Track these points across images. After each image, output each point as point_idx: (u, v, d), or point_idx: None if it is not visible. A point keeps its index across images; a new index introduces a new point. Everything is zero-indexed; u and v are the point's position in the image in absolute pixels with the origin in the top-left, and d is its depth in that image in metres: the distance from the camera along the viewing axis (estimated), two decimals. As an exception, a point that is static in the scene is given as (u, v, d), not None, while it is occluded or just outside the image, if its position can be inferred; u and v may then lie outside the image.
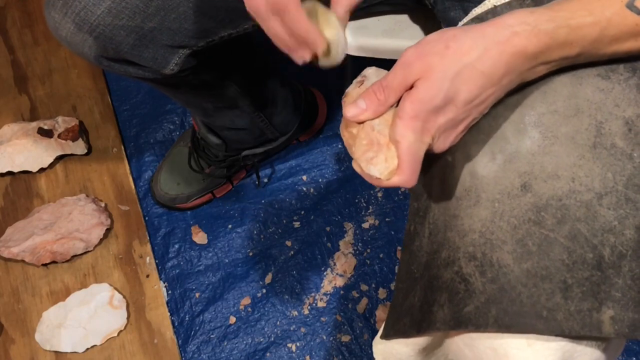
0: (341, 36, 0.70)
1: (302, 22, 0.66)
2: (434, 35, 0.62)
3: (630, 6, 0.60)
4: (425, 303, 0.67)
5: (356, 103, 0.64)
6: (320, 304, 1.39)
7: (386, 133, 0.63)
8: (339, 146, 1.56)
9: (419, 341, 0.72)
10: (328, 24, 0.69)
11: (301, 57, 0.70)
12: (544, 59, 0.63)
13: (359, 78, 0.68)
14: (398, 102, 0.63)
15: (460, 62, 0.60)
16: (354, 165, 0.65)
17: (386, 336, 0.72)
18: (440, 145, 0.65)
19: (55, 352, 1.36)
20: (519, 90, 0.67)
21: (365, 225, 1.47)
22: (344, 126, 0.66)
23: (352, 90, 0.67)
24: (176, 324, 1.40)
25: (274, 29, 0.68)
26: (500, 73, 0.61)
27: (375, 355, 0.78)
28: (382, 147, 0.63)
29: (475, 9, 0.73)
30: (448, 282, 0.65)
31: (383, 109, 0.64)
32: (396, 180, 0.62)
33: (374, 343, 0.79)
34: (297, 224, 1.48)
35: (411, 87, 0.62)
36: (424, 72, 0.61)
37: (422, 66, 0.61)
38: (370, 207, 1.49)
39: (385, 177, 0.62)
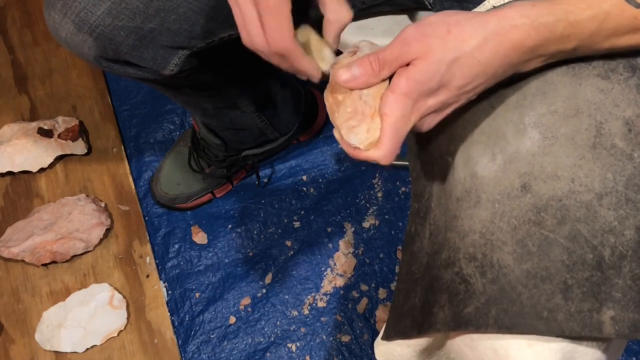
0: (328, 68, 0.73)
1: (302, 64, 0.69)
2: (436, 17, 0.62)
3: None
4: (426, 304, 0.67)
5: (350, 68, 0.63)
6: (320, 304, 1.39)
7: (372, 104, 0.62)
8: (339, 146, 1.55)
9: (420, 342, 0.72)
10: (322, 58, 0.72)
11: (301, 77, 0.73)
12: (541, 52, 0.63)
13: (352, 48, 0.68)
14: (389, 77, 0.63)
15: (460, 49, 0.60)
16: (335, 133, 0.65)
17: (387, 337, 0.72)
18: (424, 127, 0.65)
19: (55, 352, 1.36)
20: (518, 90, 0.67)
21: (366, 225, 1.47)
22: (329, 91, 0.66)
23: (344, 58, 0.67)
24: (176, 324, 1.40)
25: (277, 63, 0.71)
26: (496, 64, 0.61)
27: (377, 356, 0.78)
28: (365, 118, 0.62)
29: (475, 9, 0.73)
30: (448, 283, 0.66)
31: (374, 81, 0.63)
32: (374, 154, 0.62)
33: (375, 344, 0.79)
34: (297, 224, 1.48)
35: (407, 65, 0.62)
36: (422, 52, 0.61)
37: (421, 47, 0.61)
38: (370, 207, 1.49)
39: (365, 148, 0.62)
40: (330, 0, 0.69)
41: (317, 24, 0.73)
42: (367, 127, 0.62)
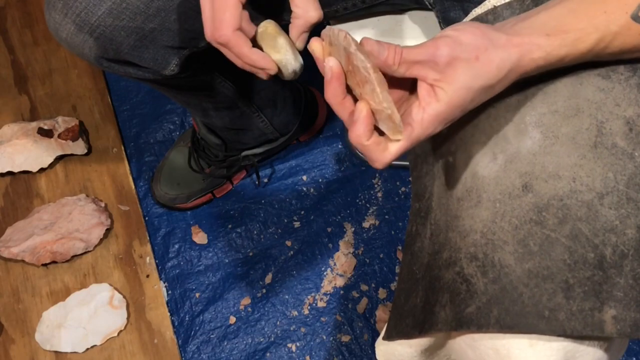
0: (289, 57, 0.74)
1: (246, 55, 0.72)
2: (468, 37, 0.61)
3: (635, 17, 0.60)
4: (427, 304, 0.67)
5: (379, 43, 0.60)
6: (320, 304, 1.39)
7: (385, 106, 0.60)
8: (339, 146, 1.56)
9: (422, 342, 0.72)
10: (274, 47, 0.73)
11: (261, 76, 0.75)
12: (545, 69, 0.64)
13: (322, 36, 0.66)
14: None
15: (484, 79, 0.60)
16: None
17: (388, 337, 0.72)
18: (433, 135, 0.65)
19: (55, 352, 1.36)
20: (519, 90, 0.68)
21: (365, 225, 1.47)
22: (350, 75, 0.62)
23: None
24: (176, 324, 1.40)
25: (230, 58, 0.74)
26: (506, 85, 0.63)
27: (377, 357, 0.78)
28: (385, 120, 0.61)
29: (476, 9, 0.73)
30: (450, 283, 0.66)
31: (387, 67, 0.60)
32: (378, 154, 0.62)
33: (376, 344, 0.79)
34: (297, 224, 1.48)
35: (431, 86, 0.61)
36: (449, 77, 0.60)
37: (449, 67, 0.60)
38: (370, 207, 1.49)
39: (393, 135, 0.61)
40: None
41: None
42: (387, 126, 0.61)
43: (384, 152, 0.61)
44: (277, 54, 0.73)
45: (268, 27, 0.74)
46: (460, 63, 0.60)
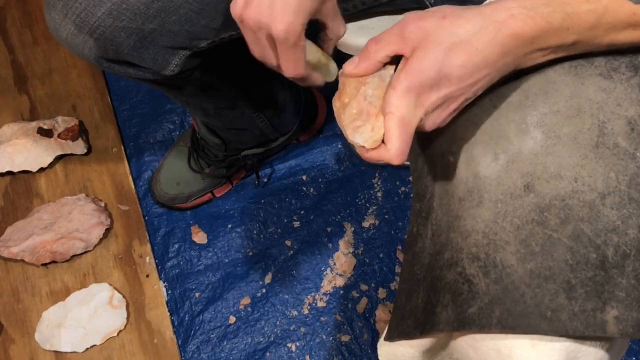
0: (335, 78, 0.78)
1: (309, 82, 0.78)
2: (434, 8, 0.63)
3: None
4: (429, 304, 0.67)
5: (352, 59, 0.65)
6: (320, 304, 1.39)
7: (377, 105, 0.63)
8: (339, 146, 1.56)
9: (424, 342, 0.72)
10: (328, 74, 0.79)
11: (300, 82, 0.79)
12: (540, 45, 0.62)
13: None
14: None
15: (456, 34, 0.60)
16: (344, 133, 0.65)
17: (390, 338, 0.72)
18: (431, 124, 0.64)
19: (55, 352, 1.36)
20: (521, 90, 0.67)
21: (366, 225, 1.47)
22: (337, 97, 0.66)
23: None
24: (176, 324, 1.40)
25: (270, 59, 0.76)
26: (496, 54, 0.61)
27: (380, 357, 0.78)
28: (370, 117, 0.63)
29: (475, 9, 0.73)
30: (451, 283, 0.65)
31: (372, 63, 0.64)
32: (385, 155, 0.61)
33: (378, 345, 0.79)
34: (297, 224, 1.48)
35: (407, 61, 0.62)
36: (419, 39, 0.61)
37: (417, 29, 0.61)
38: (370, 207, 1.49)
39: (370, 146, 0.62)
40: (330, 19, 0.75)
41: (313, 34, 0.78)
42: (372, 126, 0.62)
43: (387, 148, 0.62)
44: (331, 79, 0.79)
45: (319, 56, 0.77)
46: (428, 21, 0.61)
